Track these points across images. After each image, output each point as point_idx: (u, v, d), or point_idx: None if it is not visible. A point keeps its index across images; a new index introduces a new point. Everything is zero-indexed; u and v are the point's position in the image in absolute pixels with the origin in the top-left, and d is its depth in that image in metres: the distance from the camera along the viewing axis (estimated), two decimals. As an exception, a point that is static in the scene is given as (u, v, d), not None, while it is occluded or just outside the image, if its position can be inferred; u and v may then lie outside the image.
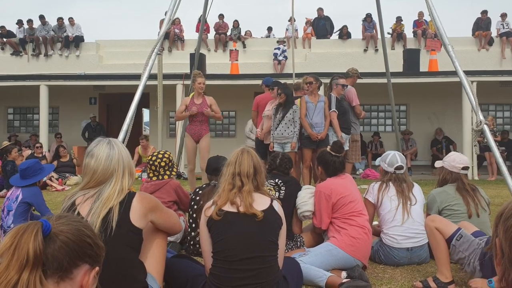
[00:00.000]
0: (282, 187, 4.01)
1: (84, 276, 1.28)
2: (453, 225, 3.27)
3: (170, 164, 4.47)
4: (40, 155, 10.98)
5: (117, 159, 2.39)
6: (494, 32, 15.23)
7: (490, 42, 15.00)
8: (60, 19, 15.91)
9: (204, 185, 4.28)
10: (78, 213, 2.26)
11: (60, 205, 7.54)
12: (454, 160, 4.04)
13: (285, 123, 6.91)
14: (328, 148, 4.08)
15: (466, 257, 3.10)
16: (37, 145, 11.83)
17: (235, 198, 2.69)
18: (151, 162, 4.46)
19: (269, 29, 16.97)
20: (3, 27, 16.22)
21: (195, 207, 4.11)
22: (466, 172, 4.02)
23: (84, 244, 1.28)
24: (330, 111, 7.12)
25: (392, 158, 3.99)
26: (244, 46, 15.49)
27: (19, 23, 16.07)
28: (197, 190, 4.25)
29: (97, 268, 1.32)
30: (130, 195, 2.38)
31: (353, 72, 8.19)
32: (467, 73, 7.08)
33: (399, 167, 3.96)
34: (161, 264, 2.63)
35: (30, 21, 15.94)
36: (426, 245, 3.78)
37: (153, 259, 2.56)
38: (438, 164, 4.22)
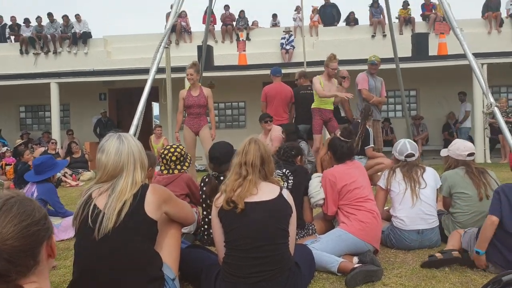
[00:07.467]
0: (290, 177, 4.03)
1: (46, 248, 1.31)
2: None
3: (181, 158, 4.48)
4: (54, 152, 11.11)
5: (126, 153, 2.44)
6: (503, 13, 15.01)
7: (501, 23, 14.78)
8: (65, 17, 16.00)
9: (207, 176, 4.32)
10: (95, 205, 2.33)
11: (75, 200, 7.60)
12: (459, 148, 4.06)
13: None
14: (338, 134, 4.12)
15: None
16: (52, 141, 11.97)
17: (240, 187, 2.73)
18: (162, 156, 4.50)
19: (274, 16, 16.86)
20: (13, 17, 16.16)
21: (204, 196, 4.18)
22: (472, 158, 4.03)
23: (34, 236, 1.24)
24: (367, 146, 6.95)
25: (402, 146, 4.05)
26: (249, 39, 15.41)
27: (26, 21, 16.17)
28: (204, 178, 4.31)
29: (53, 236, 1.33)
30: (144, 188, 2.43)
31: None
32: (477, 55, 7.00)
33: (409, 155, 3.99)
34: (176, 254, 2.68)
35: (38, 18, 16.00)
36: (437, 228, 3.81)
37: (168, 249, 2.62)
38: (443, 153, 4.23)
